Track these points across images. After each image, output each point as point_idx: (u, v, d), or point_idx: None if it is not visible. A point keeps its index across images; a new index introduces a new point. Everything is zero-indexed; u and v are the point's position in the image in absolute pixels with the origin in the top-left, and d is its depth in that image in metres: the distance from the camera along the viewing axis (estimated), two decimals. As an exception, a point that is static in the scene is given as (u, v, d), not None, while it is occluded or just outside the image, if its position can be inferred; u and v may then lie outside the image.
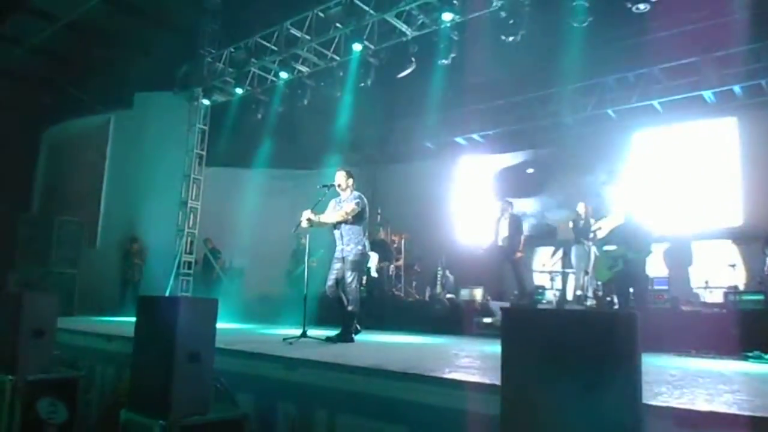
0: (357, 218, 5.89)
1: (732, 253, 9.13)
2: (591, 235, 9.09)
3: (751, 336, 6.04)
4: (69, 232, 10.38)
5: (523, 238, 9.45)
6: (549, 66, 10.46)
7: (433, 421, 2.85)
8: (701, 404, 2.51)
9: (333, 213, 5.97)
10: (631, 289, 7.32)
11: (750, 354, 5.75)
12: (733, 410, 2.37)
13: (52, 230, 10.06)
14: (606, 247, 7.72)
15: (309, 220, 5.81)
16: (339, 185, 6.00)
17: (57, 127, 14.70)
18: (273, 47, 10.45)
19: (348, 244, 5.85)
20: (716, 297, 8.15)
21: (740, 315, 6.63)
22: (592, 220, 9.00)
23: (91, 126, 13.84)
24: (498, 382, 1.89)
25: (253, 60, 10.75)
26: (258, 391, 3.75)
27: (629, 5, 7.22)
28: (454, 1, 8.35)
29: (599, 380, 1.70)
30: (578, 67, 9.86)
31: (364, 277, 9.88)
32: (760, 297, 7.00)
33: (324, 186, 6.05)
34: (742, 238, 9.17)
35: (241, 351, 4.17)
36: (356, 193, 5.99)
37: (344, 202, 5.96)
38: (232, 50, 11.18)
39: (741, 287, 8.03)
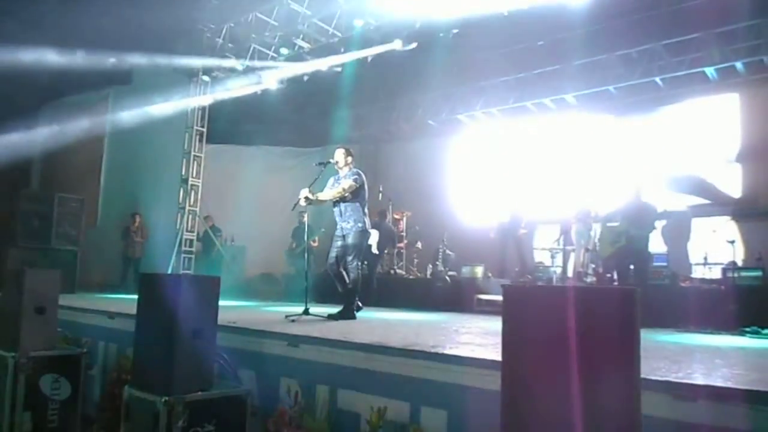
0: (356, 195, 5.85)
1: (731, 229, 9.14)
2: (592, 213, 9.12)
3: (748, 311, 6.11)
4: (69, 209, 10.35)
5: (526, 215, 9.48)
6: (552, 43, 10.35)
7: (434, 397, 2.88)
8: (698, 378, 2.54)
9: (330, 190, 5.93)
10: (631, 266, 7.32)
11: (747, 329, 5.81)
12: (730, 384, 2.39)
13: (53, 207, 10.03)
14: (609, 223, 7.72)
15: (307, 198, 5.80)
16: (338, 162, 5.96)
17: (55, 103, 14.58)
18: (273, 22, 10.32)
19: (347, 221, 5.84)
20: (715, 273, 8.18)
21: (738, 291, 6.69)
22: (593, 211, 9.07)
23: (90, 102, 13.74)
24: (498, 358, 1.91)
25: (252, 35, 10.63)
26: (261, 367, 3.79)
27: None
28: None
29: (598, 356, 1.72)
30: (582, 44, 9.77)
31: (373, 254, 9.91)
32: (758, 273, 7.06)
33: (320, 163, 5.99)
34: (742, 214, 9.17)
35: (244, 328, 4.19)
36: (354, 170, 5.95)
37: (342, 179, 5.94)
38: (232, 25, 11.05)
39: (739, 263, 8.06)
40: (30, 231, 9.85)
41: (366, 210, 6.00)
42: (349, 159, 6.00)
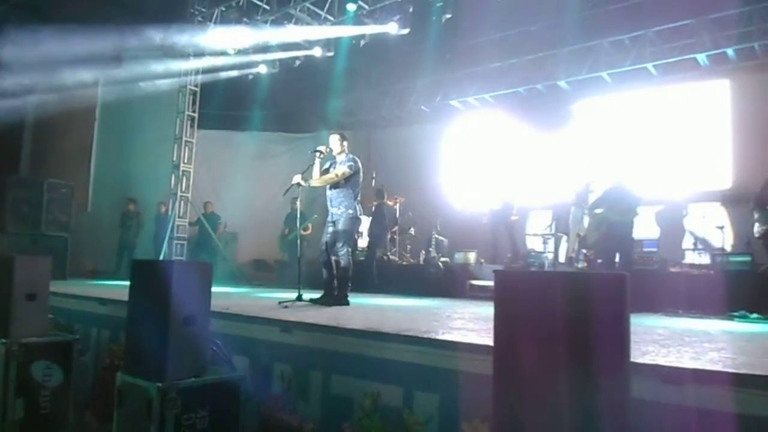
0: (349, 182, 5.83)
1: (721, 215, 9.21)
2: (590, 199, 9.16)
3: (737, 296, 6.16)
4: (59, 194, 10.23)
5: (517, 201, 9.51)
6: (545, 29, 10.32)
7: (427, 382, 2.90)
8: (687, 362, 2.57)
9: (324, 176, 5.92)
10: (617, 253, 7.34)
11: (735, 313, 5.88)
12: (718, 367, 2.43)
13: (42, 193, 9.93)
14: (596, 210, 7.78)
15: (299, 184, 5.79)
16: (333, 149, 5.94)
17: (44, 86, 14.36)
18: (265, 6, 10.21)
19: (339, 207, 5.82)
20: (704, 258, 8.27)
21: (727, 276, 6.75)
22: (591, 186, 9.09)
23: (80, 85, 13.55)
24: (490, 343, 1.92)
25: (244, 19, 10.51)
26: (254, 353, 3.80)
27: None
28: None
29: (589, 340, 1.73)
30: (574, 30, 9.75)
31: (365, 241, 9.88)
32: (747, 258, 7.12)
33: (316, 150, 5.98)
34: (731, 200, 9.24)
35: (237, 314, 4.20)
36: (350, 156, 5.92)
37: (338, 165, 5.91)
38: (223, 9, 10.91)
39: (729, 249, 8.14)
40: (19, 217, 9.74)
41: (358, 197, 5.99)
42: (345, 144, 5.98)
